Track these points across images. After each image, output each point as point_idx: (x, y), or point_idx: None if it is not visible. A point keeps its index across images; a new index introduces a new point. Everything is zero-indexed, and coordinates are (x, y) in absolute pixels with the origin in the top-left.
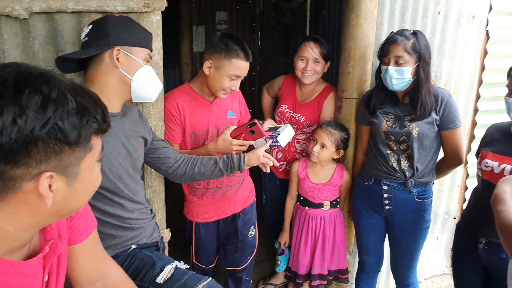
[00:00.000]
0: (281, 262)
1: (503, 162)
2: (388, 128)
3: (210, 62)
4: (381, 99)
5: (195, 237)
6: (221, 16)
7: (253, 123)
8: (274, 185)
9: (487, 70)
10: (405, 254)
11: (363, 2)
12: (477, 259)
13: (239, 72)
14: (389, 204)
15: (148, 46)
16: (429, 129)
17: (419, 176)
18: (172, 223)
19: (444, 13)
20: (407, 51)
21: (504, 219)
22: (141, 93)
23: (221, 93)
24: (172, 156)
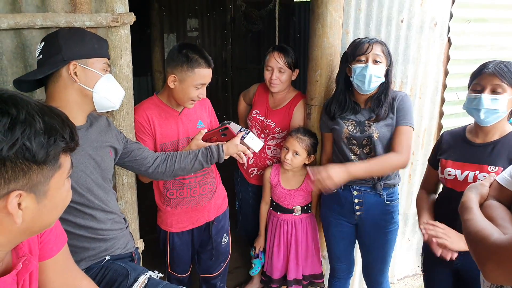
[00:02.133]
0: (255, 265)
1: (464, 169)
2: (349, 133)
3: (174, 76)
4: (341, 104)
5: (169, 246)
6: (192, 23)
7: (225, 127)
8: (246, 191)
9: (451, 75)
10: (378, 259)
11: (328, 13)
12: (449, 263)
13: (203, 80)
14: (360, 210)
15: (104, 55)
16: (388, 131)
17: (386, 179)
18: (148, 232)
19: (407, 21)
20: (384, 52)
21: (469, 228)
22: (103, 103)
23: (188, 104)
24: (149, 155)
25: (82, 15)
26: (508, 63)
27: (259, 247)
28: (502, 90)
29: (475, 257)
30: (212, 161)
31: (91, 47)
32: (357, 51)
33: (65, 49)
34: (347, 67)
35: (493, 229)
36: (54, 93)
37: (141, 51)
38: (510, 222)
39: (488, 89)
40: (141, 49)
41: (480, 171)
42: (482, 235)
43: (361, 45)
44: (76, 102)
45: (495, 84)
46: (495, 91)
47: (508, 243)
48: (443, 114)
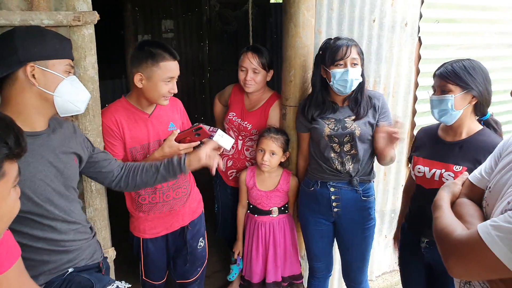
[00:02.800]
0: (232, 271)
1: (432, 167)
2: (330, 131)
3: (140, 75)
4: (319, 105)
5: (143, 253)
6: (167, 24)
7: (199, 127)
8: (225, 194)
9: (422, 74)
10: (356, 257)
11: (300, 12)
12: (421, 257)
13: (171, 73)
14: (337, 206)
15: (67, 56)
16: (368, 129)
17: (362, 174)
18: (123, 239)
19: (379, 21)
20: (359, 54)
21: (437, 226)
22: (67, 107)
23: (161, 100)
24: (114, 169)
25: (39, 13)
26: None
27: (238, 252)
28: (448, 90)
29: (441, 253)
30: (176, 173)
31: (52, 48)
32: (336, 56)
33: (21, 50)
34: (323, 69)
35: (457, 225)
36: (10, 97)
37: (115, 53)
38: (478, 218)
39: (438, 91)
40: (114, 51)
41: (446, 169)
42: (446, 232)
43: (339, 49)
44: (34, 107)
45: (441, 85)
46: (442, 92)
47: (468, 238)
48: (416, 112)
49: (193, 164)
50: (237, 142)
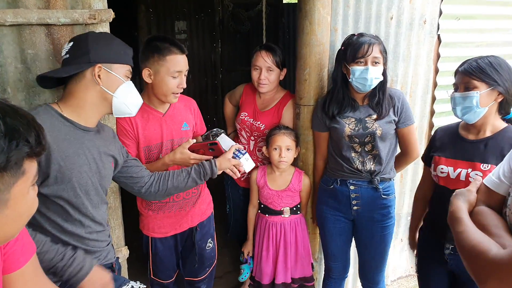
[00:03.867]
0: (243, 271)
1: (457, 166)
2: (351, 131)
3: (148, 70)
4: (340, 103)
5: (152, 252)
6: (181, 25)
7: (214, 143)
8: (237, 194)
9: (441, 73)
10: (375, 255)
11: (316, 9)
12: (444, 264)
13: (178, 67)
14: (357, 204)
15: (129, 62)
16: (389, 128)
17: (383, 173)
18: (136, 238)
19: (397, 18)
20: (381, 52)
21: (464, 241)
22: (122, 109)
23: (171, 97)
24: (145, 175)
25: (56, 12)
26: (484, 60)
27: (247, 252)
28: (474, 87)
29: (472, 274)
30: (206, 177)
31: (118, 53)
32: (357, 53)
33: (93, 51)
34: (344, 65)
35: (490, 243)
36: (74, 91)
37: None
38: (504, 229)
39: (461, 88)
40: None
41: (473, 168)
42: (479, 250)
43: (361, 47)
44: (94, 103)
45: (465, 82)
46: (467, 89)
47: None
48: (434, 112)
49: (223, 165)
50: (249, 142)
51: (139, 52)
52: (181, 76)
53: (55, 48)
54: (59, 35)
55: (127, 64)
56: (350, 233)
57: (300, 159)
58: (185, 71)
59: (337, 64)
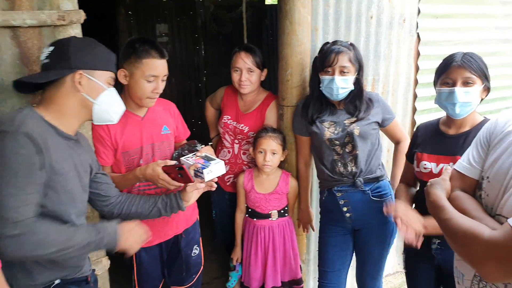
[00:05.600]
0: (231, 278)
1: (440, 162)
2: (331, 135)
3: (123, 71)
4: (318, 108)
5: (136, 262)
6: (162, 28)
7: (181, 167)
8: (223, 200)
9: (421, 71)
10: (370, 261)
11: (296, 9)
12: (430, 259)
13: (155, 72)
14: (348, 211)
15: (112, 68)
16: (369, 127)
17: (366, 173)
18: None
19: (377, 17)
20: (351, 61)
21: (453, 228)
22: (103, 116)
23: (147, 101)
24: (112, 195)
25: (21, 13)
26: (472, 54)
27: (236, 259)
28: (473, 82)
29: (468, 258)
30: (173, 210)
31: (100, 59)
32: (324, 62)
33: (74, 57)
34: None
35: (480, 226)
36: (54, 97)
37: None
38: (483, 211)
39: (460, 82)
40: None
41: (454, 163)
42: (472, 234)
43: (328, 56)
44: (74, 111)
45: (465, 77)
46: (467, 84)
47: (505, 238)
48: (416, 110)
49: (187, 199)
50: (233, 146)
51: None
52: (157, 81)
53: (21, 51)
54: (26, 38)
55: (109, 70)
56: (346, 247)
57: (285, 160)
58: (162, 76)
59: (313, 71)
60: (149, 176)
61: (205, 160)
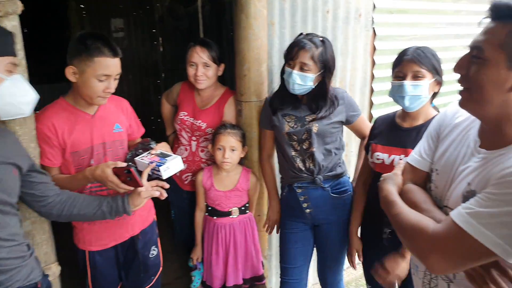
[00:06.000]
0: (195, 278)
1: (391, 153)
2: (290, 129)
3: (72, 68)
4: (282, 99)
5: (90, 266)
6: (117, 23)
7: (129, 170)
8: (181, 199)
9: (378, 66)
10: (330, 256)
11: (252, 3)
12: (383, 248)
13: (107, 71)
14: (308, 207)
15: (8, 52)
16: (328, 125)
17: (326, 171)
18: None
19: (333, 12)
20: (314, 59)
21: (402, 223)
22: (9, 111)
23: (98, 100)
24: (51, 195)
25: None
26: (425, 48)
27: (197, 258)
28: (422, 76)
29: (415, 252)
30: (118, 214)
31: None
32: (288, 54)
33: None
34: None
35: (426, 220)
36: None
37: (60, 55)
38: (432, 203)
39: (410, 76)
40: (59, 53)
41: (406, 155)
42: (418, 229)
43: (293, 49)
44: None
45: (415, 71)
46: (416, 77)
47: (447, 231)
48: (373, 104)
49: (137, 203)
50: (191, 143)
51: None
52: (109, 80)
53: None
54: None
55: (5, 55)
56: (308, 243)
57: (245, 157)
58: (115, 75)
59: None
60: (99, 177)
61: (161, 157)
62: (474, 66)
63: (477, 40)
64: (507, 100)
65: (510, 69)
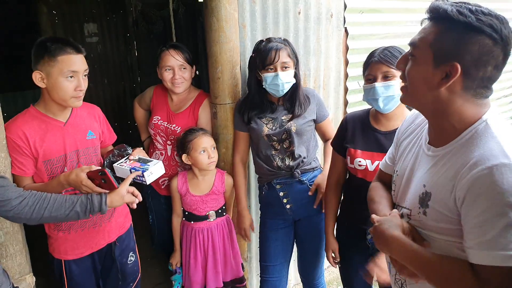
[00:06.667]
0: (175, 282)
1: (374, 159)
2: (269, 131)
3: (39, 73)
4: (257, 107)
5: (66, 276)
6: (91, 28)
7: (104, 172)
8: (159, 204)
9: (351, 64)
10: (311, 250)
11: (222, 6)
12: (365, 250)
13: (73, 67)
14: (288, 202)
15: None
16: (305, 124)
17: (303, 165)
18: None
19: (304, 13)
20: (290, 56)
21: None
22: None
23: (72, 101)
24: (13, 197)
25: None
26: (392, 47)
27: (176, 263)
28: (392, 76)
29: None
30: (93, 213)
31: None
32: (266, 61)
33: None
34: (257, 72)
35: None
36: None
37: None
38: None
39: (380, 77)
40: (30, 60)
41: None
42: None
43: (269, 54)
44: None
45: (384, 71)
46: (386, 78)
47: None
48: (348, 103)
49: (115, 203)
50: (166, 147)
51: None
52: (78, 77)
53: None
54: None
55: None
56: (288, 241)
57: (221, 158)
58: (83, 71)
59: (250, 71)
60: (73, 182)
61: (141, 163)
62: (409, 63)
63: (414, 38)
64: (438, 96)
65: (435, 67)
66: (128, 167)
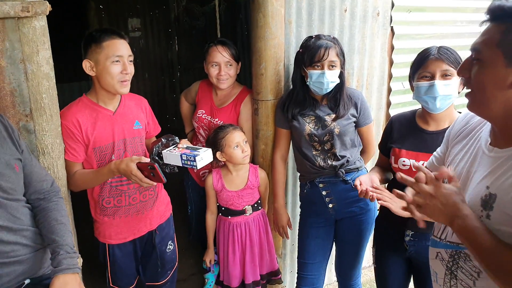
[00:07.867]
0: (208, 280)
1: (419, 159)
2: (311, 130)
3: (88, 61)
4: (300, 104)
5: (109, 259)
6: (134, 23)
7: (153, 167)
8: (198, 196)
9: (396, 65)
10: (350, 250)
11: (269, 2)
12: (403, 252)
13: (118, 52)
14: (331, 201)
15: None
16: (348, 126)
17: (347, 165)
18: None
19: (351, 11)
20: (338, 55)
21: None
22: None
23: (119, 86)
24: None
25: None
26: (447, 47)
27: (209, 261)
28: (451, 74)
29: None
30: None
31: None
32: (314, 58)
33: None
34: (302, 68)
35: None
36: None
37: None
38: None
39: (439, 75)
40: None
41: None
42: None
43: (318, 51)
44: None
45: (444, 69)
46: (446, 76)
47: None
48: (390, 103)
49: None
50: None
51: None
52: (123, 61)
53: None
54: None
55: None
56: (327, 241)
57: (260, 155)
58: (127, 56)
59: (295, 66)
60: (123, 171)
61: (191, 150)
62: (474, 68)
63: (476, 42)
64: (510, 98)
65: (508, 66)
66: (179, 153)
